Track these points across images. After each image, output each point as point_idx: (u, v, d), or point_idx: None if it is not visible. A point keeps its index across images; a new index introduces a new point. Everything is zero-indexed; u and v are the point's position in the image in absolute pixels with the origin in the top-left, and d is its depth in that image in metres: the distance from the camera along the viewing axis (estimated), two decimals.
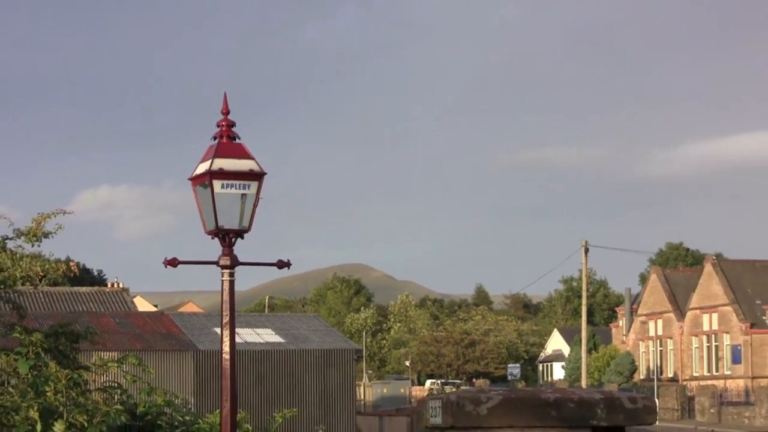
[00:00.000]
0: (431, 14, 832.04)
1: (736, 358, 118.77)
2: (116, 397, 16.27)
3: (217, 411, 13.27)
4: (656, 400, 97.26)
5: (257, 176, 11.97)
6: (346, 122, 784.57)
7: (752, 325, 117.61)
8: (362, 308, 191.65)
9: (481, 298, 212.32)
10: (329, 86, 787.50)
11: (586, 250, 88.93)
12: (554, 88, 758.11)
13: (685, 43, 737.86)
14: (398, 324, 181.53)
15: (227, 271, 11.97)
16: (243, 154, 12.02)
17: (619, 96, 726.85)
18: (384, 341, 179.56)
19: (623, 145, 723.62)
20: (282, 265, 12.53)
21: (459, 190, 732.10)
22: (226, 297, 11.99)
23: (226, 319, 11.89)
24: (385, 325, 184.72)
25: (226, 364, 11.87)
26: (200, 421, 17.24)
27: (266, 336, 75.34)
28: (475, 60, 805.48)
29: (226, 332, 11.87)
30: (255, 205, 11.97)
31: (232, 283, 12.01)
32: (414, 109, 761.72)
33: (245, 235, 12.10)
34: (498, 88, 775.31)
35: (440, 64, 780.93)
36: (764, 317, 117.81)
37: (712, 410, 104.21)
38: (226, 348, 11.86)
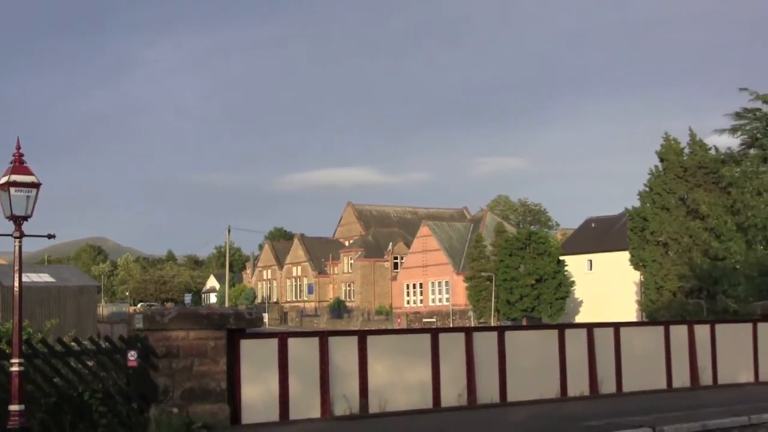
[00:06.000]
0: (153, 90, 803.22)
1: (310, 291, 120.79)
2: None
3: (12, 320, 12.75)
4: (266, 314, 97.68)
5: (36, 185, 11.65)
6: (100, 148, 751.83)
7: (319, 273, 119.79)
8: (101, 262, 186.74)
9: (171, 256, 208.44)
10: (115, 132, 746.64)
11: (229, 231, 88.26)
12: (241, 137, 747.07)
13: (290, 122, 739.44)
14: (123, 271, 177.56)
15: (17, 239, 11.65)
16: (28, 172, 11.68)
17: (268, 144, 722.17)
18: (114, 281, 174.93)
19: (258, 173, 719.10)
20: (50, 236, 12.24)
21: (164, 196, 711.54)
22: (17, 255, 11.72)
23: (16, 268, 11.55)
24: (115, 272, 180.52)
25: (16, 293, 11.68)
26: (2, 327, 16.42)
27: (45, 277, 72.09)
28: (198, 112, 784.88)
29: (17, 275, 11.56)
30: (35, 202, 11.65)
31: (20, 247, 11.75)
32: (149, 142, 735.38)
33: (29, 219, 11.74)
34: (204, 134, 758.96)
35: (161, 131, 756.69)
36: (326, 269, 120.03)
37: (297, 319, 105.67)
38: (17, 284, 11.65)
